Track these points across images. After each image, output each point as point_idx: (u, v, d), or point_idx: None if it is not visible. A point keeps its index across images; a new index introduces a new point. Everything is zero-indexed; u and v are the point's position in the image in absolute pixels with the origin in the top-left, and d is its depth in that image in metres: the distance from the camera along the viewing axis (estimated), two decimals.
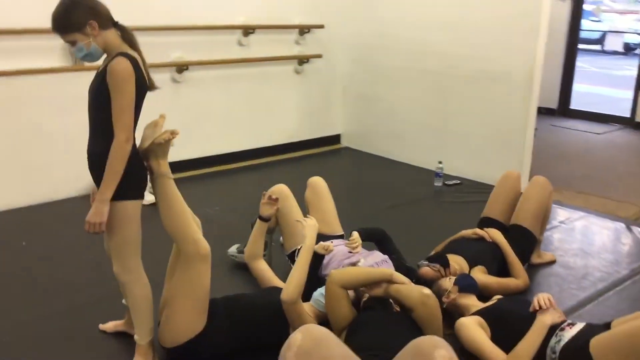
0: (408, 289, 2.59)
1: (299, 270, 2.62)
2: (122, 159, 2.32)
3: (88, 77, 4.95)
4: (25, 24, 4.27)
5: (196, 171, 5.40)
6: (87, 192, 4.79)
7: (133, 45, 2.41)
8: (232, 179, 5.39)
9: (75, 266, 3.61)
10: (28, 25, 4.26)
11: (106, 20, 2.35)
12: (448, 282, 2.97)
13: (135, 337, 2.62)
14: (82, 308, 3.12)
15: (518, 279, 3.26)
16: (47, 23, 2.32)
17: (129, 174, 2.37)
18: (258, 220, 3.11)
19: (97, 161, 2.41)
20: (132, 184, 2.41)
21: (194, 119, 5.35)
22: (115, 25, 2.40)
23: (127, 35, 2.42)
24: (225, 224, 4.23)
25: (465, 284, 2.94)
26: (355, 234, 3.25)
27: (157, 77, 3.40)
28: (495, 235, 3.42)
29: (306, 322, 2.50)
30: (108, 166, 2.32)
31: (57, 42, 4.57)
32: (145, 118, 2.47)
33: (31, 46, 4.37)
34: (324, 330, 2.00)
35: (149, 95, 2.52)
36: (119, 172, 2.32)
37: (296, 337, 1.93)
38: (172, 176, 2.54)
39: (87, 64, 4.57)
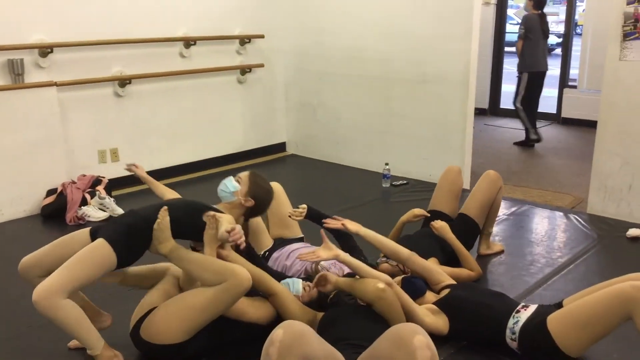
0: (362, 285, 2.64)
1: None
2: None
3: (29, 95, 4.94)
4: None
5: (145, 185, 5.33)
6: (33, 213, 4.73)
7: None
8: (182, 192, 5.32)
9: (29, 287, 3.52)
10: None
11: (253, 214, 3.00)
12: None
13: (88, 351, 2.60)
14: (44, 328, 3.05)
15: (472, 272, 3.41)
16: None
17: (135, 243, 2.64)
18: None
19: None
20: (129, 248, 2.61)
21: (139, 133, 5.29)
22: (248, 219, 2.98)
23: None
24: None
25: (412, 290, 2.91)
26: (304, 205, 3.36)
27: (99, 91, 3.42)
28: (443, 231, 3.50)
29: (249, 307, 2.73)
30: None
31: None
32: (88, 129, 2.40)
33: None
34: (304, 325, 2.06)
35: (94, 110, 2.63)
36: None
37: (277, 333, 1.99)
38: (177, 246, 2.65)
39: (27, 81, 4.54)
